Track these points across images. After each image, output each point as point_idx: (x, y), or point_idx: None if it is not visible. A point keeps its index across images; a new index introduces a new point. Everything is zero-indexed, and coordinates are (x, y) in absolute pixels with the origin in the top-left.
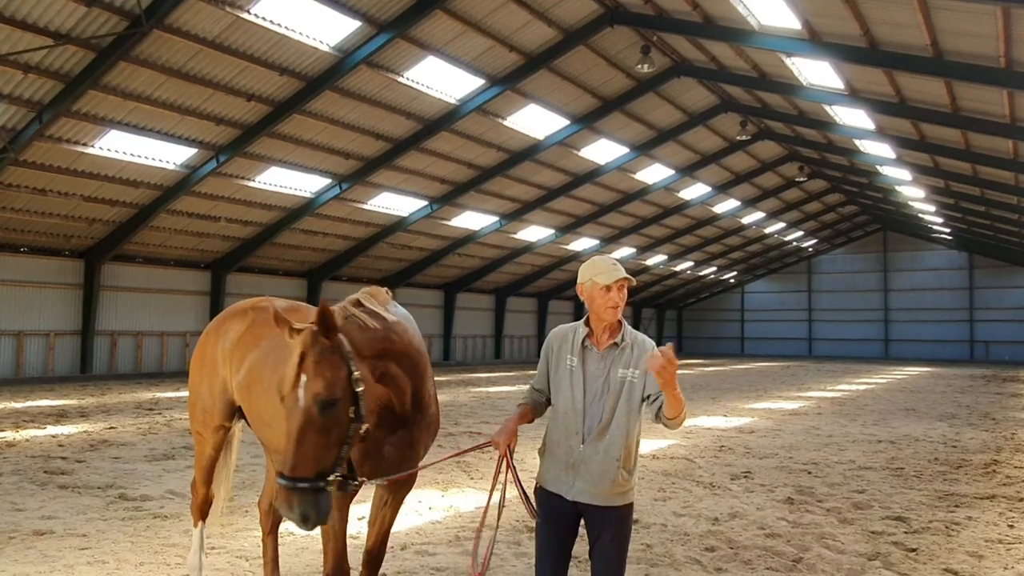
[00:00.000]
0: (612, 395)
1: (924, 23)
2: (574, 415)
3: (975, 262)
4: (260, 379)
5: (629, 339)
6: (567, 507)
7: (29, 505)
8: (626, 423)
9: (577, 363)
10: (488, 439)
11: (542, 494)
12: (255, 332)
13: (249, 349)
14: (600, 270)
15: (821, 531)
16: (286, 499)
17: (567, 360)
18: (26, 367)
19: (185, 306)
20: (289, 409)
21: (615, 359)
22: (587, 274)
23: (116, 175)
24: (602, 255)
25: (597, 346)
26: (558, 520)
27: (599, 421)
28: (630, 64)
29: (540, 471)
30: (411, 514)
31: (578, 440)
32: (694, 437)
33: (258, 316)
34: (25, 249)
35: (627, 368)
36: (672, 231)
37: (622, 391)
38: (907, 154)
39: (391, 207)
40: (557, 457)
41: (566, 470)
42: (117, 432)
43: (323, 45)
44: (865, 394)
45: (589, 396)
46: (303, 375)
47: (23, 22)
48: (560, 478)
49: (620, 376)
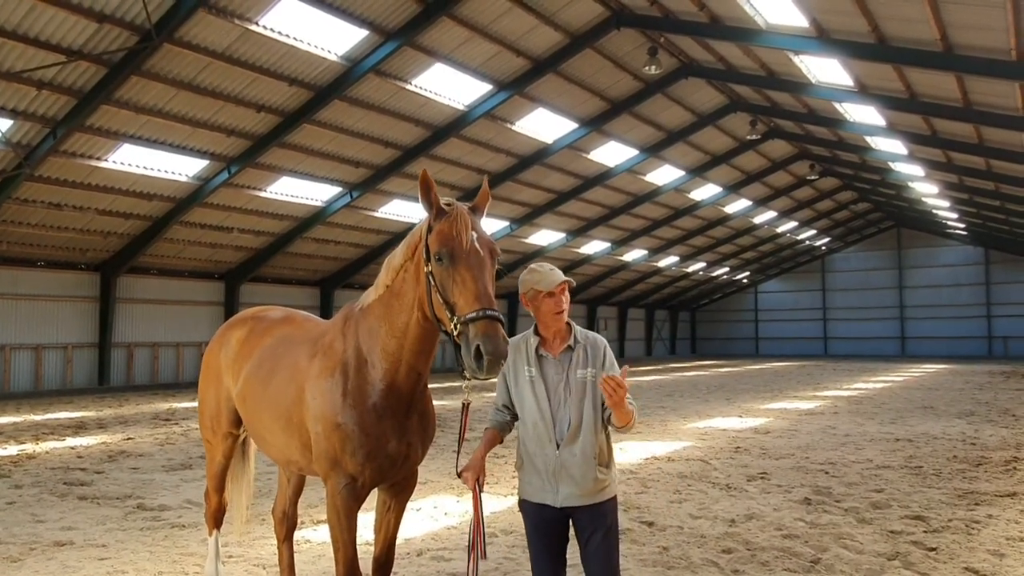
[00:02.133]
0: (576, 397)
1: (933, 17)
2: (543, 424)
3: (991, 257)
4: (253, 391)
5: (581, 339)
6: (555, 514)
7: (49, 516)
8: (594, 421)
9: (536, 372)
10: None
11: (527, 507)
12: (251, 342)
13: (245, 359)
14: (539, 278)
15: (839, 531)
16: (491, 328)
17: (525, 371)
18: (45, 380)
19: (200, 316)
20: (474, 258)
21: (571, 362)
22: (527, 284)
23: (130, 188)
24: (539, 262)
25: (552, 352)
26: (547, 529)
27: (569, 424)
28: (637, 66)
29: (521, 484)
30: (427, 520)
31: (552, 447)
32: (709, 439)
33: (256, 325)
34: (42, 263)
35: (585, 368)
36: (684, 232)
37: (585, 391)
38: (919, 150)
39: (402, 214)
40: (536, 468)
41: (548, 479)
42: (135, 443)
43: (331, 55)
44: (882, 392)
45: (554, 403)
46: (474, 232)
47: (36, 40)
48: (543, 488)
49: (580, 377)
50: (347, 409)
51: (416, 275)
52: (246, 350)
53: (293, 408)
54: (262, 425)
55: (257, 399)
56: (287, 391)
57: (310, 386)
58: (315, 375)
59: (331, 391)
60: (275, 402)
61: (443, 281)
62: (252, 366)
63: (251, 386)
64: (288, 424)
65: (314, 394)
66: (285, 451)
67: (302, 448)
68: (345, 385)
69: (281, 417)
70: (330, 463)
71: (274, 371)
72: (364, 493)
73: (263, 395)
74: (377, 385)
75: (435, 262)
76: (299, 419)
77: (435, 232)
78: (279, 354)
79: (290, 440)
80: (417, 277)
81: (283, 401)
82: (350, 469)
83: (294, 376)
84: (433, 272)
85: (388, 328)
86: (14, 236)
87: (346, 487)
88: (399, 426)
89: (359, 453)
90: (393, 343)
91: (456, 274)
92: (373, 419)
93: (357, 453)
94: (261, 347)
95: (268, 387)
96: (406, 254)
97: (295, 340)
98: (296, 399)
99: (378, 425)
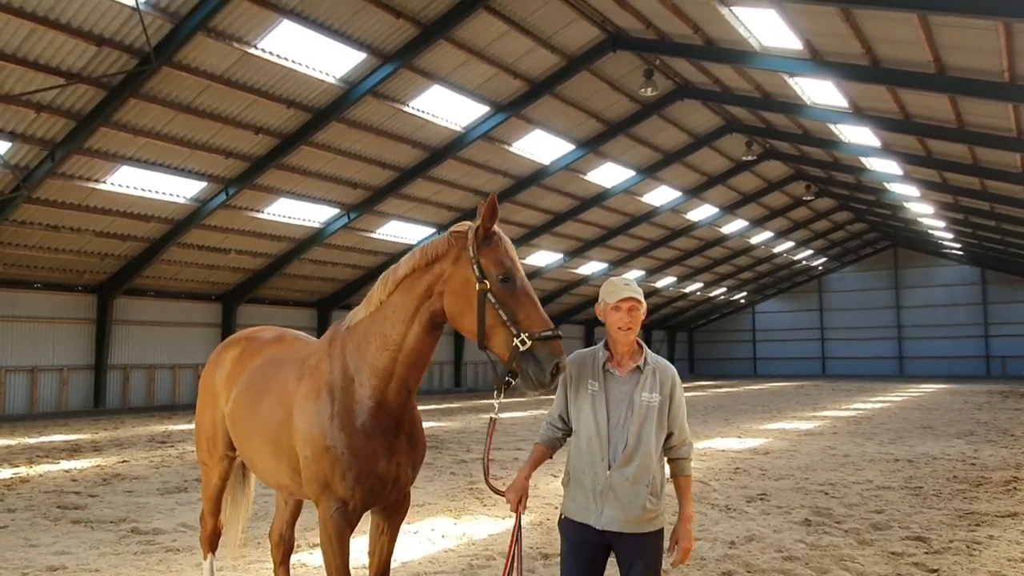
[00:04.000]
0: (637, 419)
1: (926, 40)
2: (598, 441)
3: (988, 277)
4: (242, 413)
5: (652, 362)
6: (595, 538)
7: (42, 540)
8: (651, 448)
9: (599, 388)
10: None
11: (568, 525)
12: (242, 362)
13: (236, 380)
14: (610, 290)
15: (840, 553)
16: (561, 347)
17: (588, 385)
18: (40, 402)
19: (196, 338)
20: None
21: (638, 383)
22: (602, 294)
23: (127, 210)
24: (621, 276)
25: (619, 369)
26: (585, 553)
27: (625, 446)
28: (634, 88)
29: (565, 501)
30: (424, 542)
31: (604, 466)
32: (708, 459)
33: (248, 345)
34: (38, 285)
35: (651, 392)
36: (681, 252)
37: (647, 415)
38: (914, 170)
39: (399, 235)
40: (583, 486)
41: (593, 499)
42: (130, 466)
43: (329, 77)
44: (881, 412)
45: (613, 421)
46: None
47: (35, 63)
48: (587, 507)
49: (644, 400)
50: (335, 431)
51: (428, 287)
52: (237, 370)
53: (281, 431)
54: (251, 448)
55: (246, 421)
56: (275, 414)
57: (298, 409)
58: (302, 397)
59: (319, 413)
60: (264, 425)
61: (505, 300)
62: (241, 387)
63: (240, 408)
64: (277, 447)
65: (302, 417)
66: (275, 475)
67: (292, 472)
68: (332, 407)
69: (270, 440)
70: (320, 487)
71: (262, 393)
72: (356, 517)
73: (252, 418)
74: (365, 404)
75: (499, 281)
76: (288, 443)
77: (490, 253)
78: (268, 375)
79: (279, 464)
80: (429, 289)
81: (271, 424)
82: (340, 493)
83: (282, 398)
84: (494, 291)
85: (380, 343)
86: (11, 258)
87: (337, 511)
88: (388, 446)
89: (349, 476)
90: (385, 357)
91: (521, 295)
92: (362, 440)
93: (347, 476)
94: (250, 368)
95: (257, 410)
96: (418, 263)
97: (284, 361)
98: (284, 422)
99: (367, 446)
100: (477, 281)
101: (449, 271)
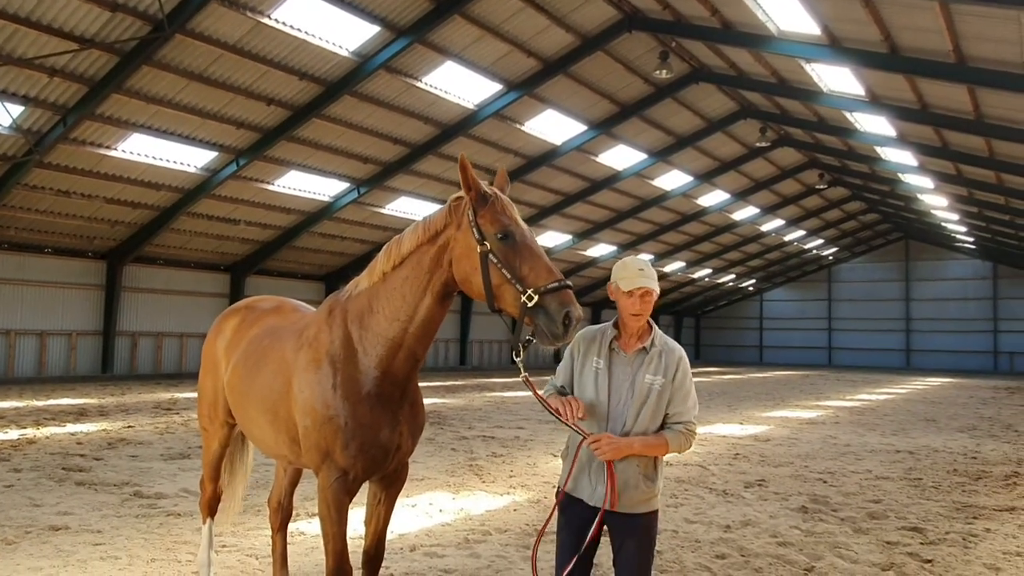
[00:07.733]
0: (637, 400)
1: (946, 28)
2: (598, 419)
3: (999, 272)
4: (240, 382)
5: (659, 345)
6: (589, 513)
7: (46, 501)
8: (649, 430)
9: (604, 365)
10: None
11: (565, 499)
12: (241, 331)
13: (234, 349)
14: (624, 275)
15: (835, 540)
16: (571, 296)
17: (593, 362)
18: (49, 366)
19: (204, 308)
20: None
21: (642, 364)
22: (615, 275)
23: (138, 178)
24: (636, 257)
25: (625, 349)
26: (580, 526)
27: (623, 426)
28: (648, 70)
29: (562, 475)
30: (421, 516)
31: None
32: (708, 444)
33: (247, 315)
34: (49, 250)
35: (655, 375)
36: (690, 238)
37: (648, 398)
38: (929, 161)
39: (409, 211)
40: (580, 461)
41: (588, 475)
42: (135, 431)
43: (342, 50)
44: (884, 404)
45: (614, 400)
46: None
47: (49, 27)
48: (582, 483)
49: (647, 382)
50: (339, 401)
51: (436, 258)
52: (236, 339)
53: (280, 402)
54: (248, 418)
55: (244, 391)
56: (273, 384)
57: (297, 379)
58: (302, 368)
59: (320, 383)
60: (261, 396)
61: (507, 258)
62: (239, 356)
63: (238, 377)
64: (275, 418)
65: (302, 387)
66: (273, 445)
67: (290, 442)
68: (334, 377)
69: (268, 411)
70: (321, 456)
71: (260, 363)
72: (356, 486)
73: (250, 387)
74: (371, 373)
75: (498, 240)
76: (286, 413)
77: (487, 214)
78: (265, 346)
79: (278, 434)
80: (438, 260)
81: (270, 395)
82: (342, 462)
83: (281, 369)
84: (495, 251)
85: (389, 313)
86: (22, 222)
87: (337, 480)
88: (392, 415)
89: (352, 445)
90: (395, 327)
91: (523, 250)
92: (366, 409)
93: (350, 445)
94: (248, 337)
95: (255, 380)
96: (421, 238)
97: (281, 332)
98: (283, 393)
99: (371, 414)
100: (477, 244)
101: (454, 238)
